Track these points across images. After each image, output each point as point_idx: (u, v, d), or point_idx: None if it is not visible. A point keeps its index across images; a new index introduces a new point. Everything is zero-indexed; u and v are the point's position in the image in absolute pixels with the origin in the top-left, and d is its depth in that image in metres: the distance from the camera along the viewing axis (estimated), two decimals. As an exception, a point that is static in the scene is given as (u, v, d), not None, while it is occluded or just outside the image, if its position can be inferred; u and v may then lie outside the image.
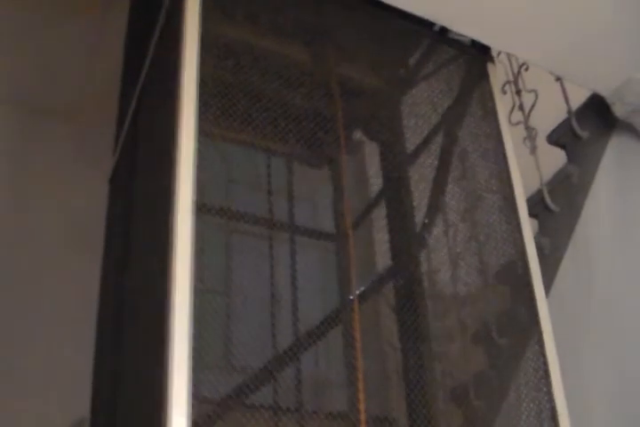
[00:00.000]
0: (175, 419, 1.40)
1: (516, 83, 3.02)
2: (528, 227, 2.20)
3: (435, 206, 2.39)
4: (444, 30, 2.56)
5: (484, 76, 2.51)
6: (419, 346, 2.03)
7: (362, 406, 1.82)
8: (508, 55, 2.84)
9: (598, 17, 2.43)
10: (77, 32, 3.84)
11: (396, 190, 2.40)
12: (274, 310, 2.01)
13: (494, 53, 2.62)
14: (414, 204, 2.37)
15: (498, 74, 2.62)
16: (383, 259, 2.27)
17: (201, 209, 1.69)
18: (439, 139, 2.46)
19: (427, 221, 2.34)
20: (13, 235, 3.66)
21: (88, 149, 3.79)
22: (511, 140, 2.34)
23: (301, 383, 1.97)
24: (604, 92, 2.63)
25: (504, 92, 2.83)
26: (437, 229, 2.29)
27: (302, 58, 2.35)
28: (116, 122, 2.86)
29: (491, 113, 2.41)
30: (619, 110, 2.55)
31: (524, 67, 3.01)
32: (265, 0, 2.22)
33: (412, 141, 2.49)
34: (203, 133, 1.78)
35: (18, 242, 3.65)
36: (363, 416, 1.80)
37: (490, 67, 2.53)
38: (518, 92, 3.00)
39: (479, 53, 2.55)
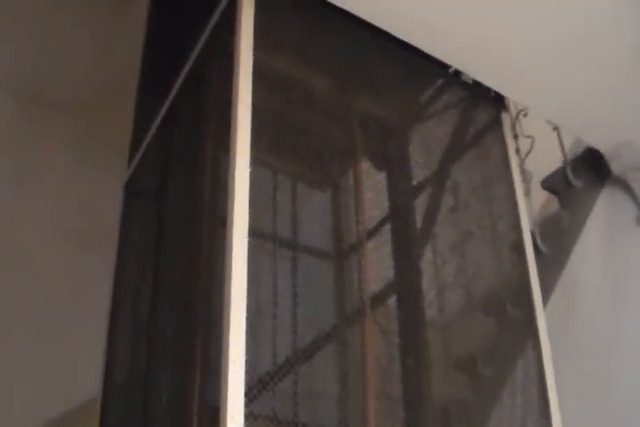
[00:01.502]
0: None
1: (513, 128, 3.21)
2: (534, 264, 2.41)
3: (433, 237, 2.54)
4: (457, 73, 2.72)
5: (497, 123, 2.66)
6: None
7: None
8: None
9: (605, 77, 2.62)
10: (89, 26, 3.86)
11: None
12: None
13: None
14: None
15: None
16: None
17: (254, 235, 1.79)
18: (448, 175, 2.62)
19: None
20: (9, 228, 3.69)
21: (88, 146, 3.85)
22: (521, 187, 2.51)
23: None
24: (602, 148, 2.83)
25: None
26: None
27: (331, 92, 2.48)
28: (132, 127, 2.95)
29: (502, 158, 2.57)
30: (616, 167, 2.75)
31: (523, 113, 3.20)
32: (311, 38, 2.34)
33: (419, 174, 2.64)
34: (257, 161, 1.88)
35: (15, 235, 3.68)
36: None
37: (503, 115, 2.69)
38: (515, 137, 3.19)
39: (495, 101, 2.71)
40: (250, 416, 1.60)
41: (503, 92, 2.66)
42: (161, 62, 2.86)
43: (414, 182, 2.59)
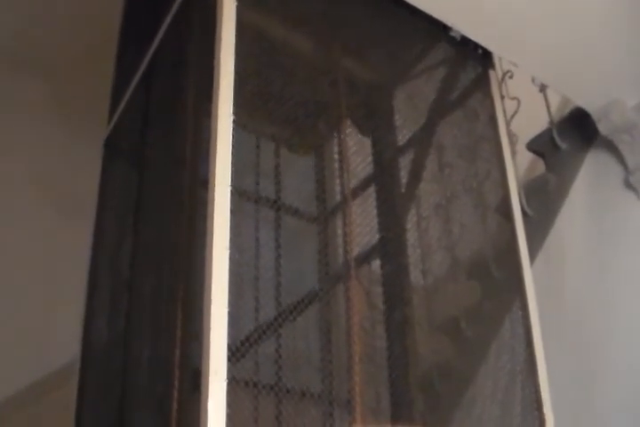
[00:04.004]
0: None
1: (500, 89, 3.17)
2: (520, 223, 2.39)
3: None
4: (446, 29, 2.66)
5: (484, 82, 2.62)
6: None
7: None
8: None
9: (595, 36, 2.57)
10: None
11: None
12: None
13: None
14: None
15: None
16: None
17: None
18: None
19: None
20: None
21: (62, 106, 3.76)
22: (509, 146, 2.47)
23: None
24: (589, 108, 2.79)
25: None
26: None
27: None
28: (112, 83, 2.87)
29: (489, 118, 2.53)
30: (603, 128, 2.71)
31: (509, 74, 3.16)
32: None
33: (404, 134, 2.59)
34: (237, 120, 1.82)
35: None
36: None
37: (491, 73, 2.64)
38: (501, 99, 3.15)
39: (482, 59, 2.66)
40: (232, 376, 1.56)
41: (491, 49, 2.61)
42: (141, 17, 2.79)
43: (400, 142, 2.55)
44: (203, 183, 1.76)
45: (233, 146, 1.76)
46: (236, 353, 1.63)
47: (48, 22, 3.79)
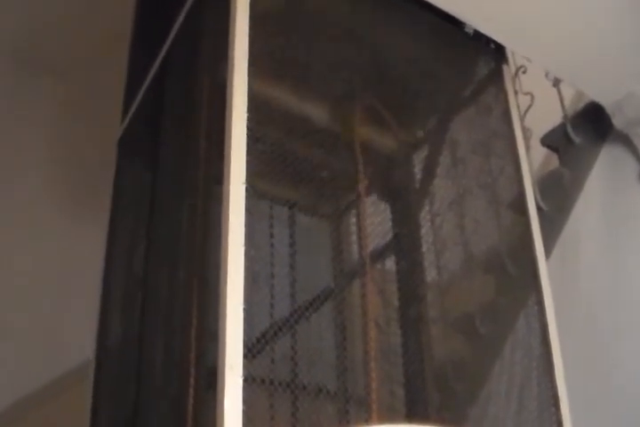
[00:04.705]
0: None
1: (513, 84, 3.16)
2: (536, 218, 2.38)
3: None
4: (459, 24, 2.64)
5: (498, 77, 2.60)
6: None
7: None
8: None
9: (608, 29, 2.55)
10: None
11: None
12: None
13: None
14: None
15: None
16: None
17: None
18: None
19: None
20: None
21: (75, 105, 3.77)
22: (523, 140, 2.46)
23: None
24: (604, 101, 2.77)
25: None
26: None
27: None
28: (125, 81, 2.88)
29: (503, 113, 2.52)
30: (618, 121, 2.70)
31: (522, 69, 3.14)
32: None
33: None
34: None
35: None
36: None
37: (504, 68, 2.63)
38: (515, 94, 3.13)
39: (495, 53, 2.64)
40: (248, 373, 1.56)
41: (504, 43, 2.59)
42: (153, 16, 2.79)
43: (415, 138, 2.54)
44: (217, 181, 1.76)
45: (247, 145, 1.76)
46: (252, 350, 1.63)
47: (62, 22, 3.80)
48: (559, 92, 3.08)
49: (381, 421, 1.89)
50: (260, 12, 1.98)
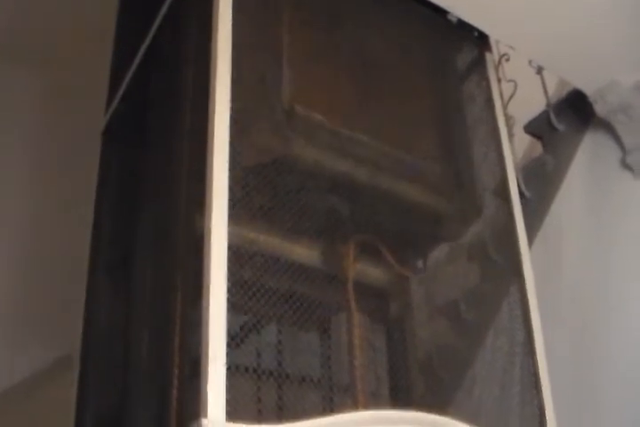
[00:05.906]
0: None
1: (496, 71, 3.17)
2: (518, 205, 2.39)
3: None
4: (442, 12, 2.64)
5: (480, 65, 2.61)
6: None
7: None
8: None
9: (591, 17, 2.56)
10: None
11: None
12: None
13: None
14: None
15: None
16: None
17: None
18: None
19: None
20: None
21: (60, 96, 3.76)
22: (505, 128, 2.48)
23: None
24: (586, 89, 2.79)
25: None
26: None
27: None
28: (109, 71, 2.86)
29: (487, 100, 2.53)
30: (600, 108, 2.71)
31: (505, 57, 3.15)
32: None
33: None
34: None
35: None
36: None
37: (487, 56, 2.64)
38: (498, 82, 3.14)
39: (478, 41, 2.65)
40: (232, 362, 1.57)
41: (487, 32, 2.60)
42: (138, 4, 2.78)
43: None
44: (200, 170, 1.76)
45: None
46: (235, 338, 1.64)
47: (43, 13, 3.78)
48: (542, 80, 3.10)
49: (367, 407, 1.90)
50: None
